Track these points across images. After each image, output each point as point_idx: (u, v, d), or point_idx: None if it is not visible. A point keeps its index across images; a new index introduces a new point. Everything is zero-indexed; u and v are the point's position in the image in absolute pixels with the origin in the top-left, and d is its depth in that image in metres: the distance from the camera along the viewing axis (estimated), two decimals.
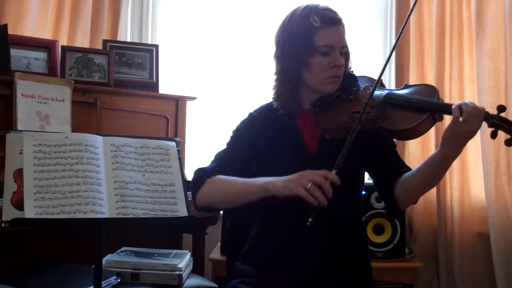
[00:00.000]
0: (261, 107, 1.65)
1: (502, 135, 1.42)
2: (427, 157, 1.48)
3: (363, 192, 1.68)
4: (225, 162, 1.56)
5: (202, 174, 1.55)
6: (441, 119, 1.43)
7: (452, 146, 1.39)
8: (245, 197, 1.48)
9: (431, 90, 1.50)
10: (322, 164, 1.39)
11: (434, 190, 2.76)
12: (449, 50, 2.78)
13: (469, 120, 1.33)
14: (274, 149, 1.57)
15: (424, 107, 1.43)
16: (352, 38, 1.60)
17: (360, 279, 1.57)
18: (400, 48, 2.88)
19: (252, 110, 1.66)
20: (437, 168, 1.45)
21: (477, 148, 2.70)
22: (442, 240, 2.74)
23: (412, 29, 2.82)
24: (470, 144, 1.41)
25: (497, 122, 1.38)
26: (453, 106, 1.36)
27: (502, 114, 1.40)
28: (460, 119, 1.34)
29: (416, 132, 1.45)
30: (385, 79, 2.97)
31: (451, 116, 1.36)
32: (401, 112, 1.45)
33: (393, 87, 2.93)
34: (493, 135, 1.42)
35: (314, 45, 1.49)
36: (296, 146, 1.57)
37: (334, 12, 1.54)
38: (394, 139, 1.64)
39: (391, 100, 1.49)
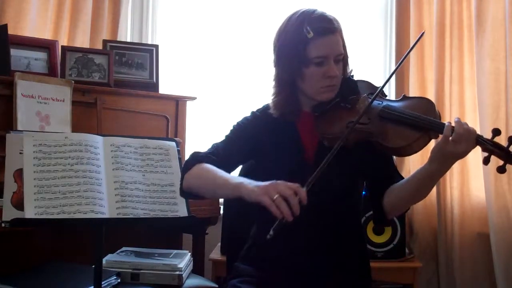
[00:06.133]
0: (263, 107, 1.65)
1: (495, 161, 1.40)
2: (415, 171, 1.47)
3: (363, 193, 1.67)
4: (220, 153, 1.55)
5: (193, 158, 1.53)
6: (436, 137, 1.42)
7: (439, 163, 1.38)
8: (220, 191, 1.46)
9: (429, 105, 1.49)
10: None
11: (434, 190, 2.76)
12: (449, 50, 2.78)
13: (458, 141, 1.33)
14: (273, 150, 1.57)
15: (420, 124, 1.42)
16: (352, 39, 1.58)
17: (359, 279, 1.57)
18: (400, 48, 2.87)
19: (254, 109, 1.66)
20: (423, 183, 1.45)
21: (477, 148, 2.69)
22: (442, 240, 2.74)
23: (412, 29, 2.81)
24: None
25: (491, 148, 1.37)
26: (446, 124, 1.36)
27: (497, 138, 1.38)
28: (450, 138, 1.33)
29: (410, 150, 1.44)
30: (385, 80, 2.97)
31: None
32: (397, 128, 1.45)
33: (393, 87, 2.93)
34: (486, 161, 1.39)
35: (308, 56, 1.47)
36: (294, 148, 1.57)
37: (329, 21, 1.49)
38: (389, 154, 1.62)
39: (387, 114, 1.47)
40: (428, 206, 2.81)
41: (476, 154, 2.71)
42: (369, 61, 3.01)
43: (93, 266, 1.67)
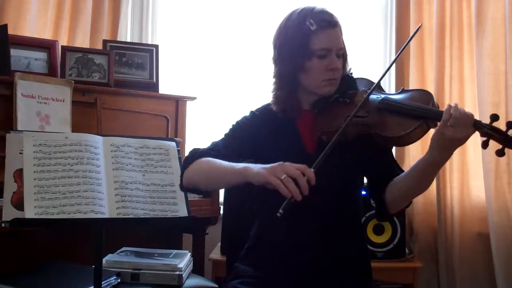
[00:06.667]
0: (263, 106, 1.65)
1: (494, 145, 1.40)
2: (416, 162, 1.46)
3: (363, 193, 1.67)
4: (220, 151, 1.55)
5: (193, 154, 1.54)
6: (435, 126, 1.42)
7: (438, 151, 1.38)
8: (225, 179, 1.46)
9: (426, 96, 1.50)
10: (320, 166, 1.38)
11: (434, 190, 2.76)
12: (449, 50, 2.78)
13: (456, 126, 1.32)
14: (272, 148, 1.57)
15: (418, 114, 1.43)
16: (353, 39, 1.60)
17: (360, 279, 1.57)
18: (399, 48, 2.87)
19: (254, 109, 1.67)
20: (424, 173, 1.44)
21: (477, 148, 2.70)
22: (442, 240, 2.74)
23: (412, 29, 2.81)
24: (470, 143, 1.41)
25: (489, 132, 1.37)
26: (445, 108, 1.36)
27: (495, 123, 1.38)
28: (449, 123, 1.33)
29: (409, 139, 1.44)
30: (385, 79, 2.97)
31: None
32: (396, 119, 1.45)
33: (393, 86, 2.93)
34: (484, 145, 1.40)
35: (311, 48, 1.49)
36: (294, 146, 1.57)
37: (330, 15, 1.53)
38: (389, 145, 1.62)
39: (386, 105, 1.48)
40: (428, 206, 2.81)
41: (476, 154, 2.72)
42: (369, 61, 3.01)
43: (93, 266, 1.67)
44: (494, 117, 1.38)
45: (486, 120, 1.40)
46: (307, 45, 1.49)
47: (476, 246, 2.74)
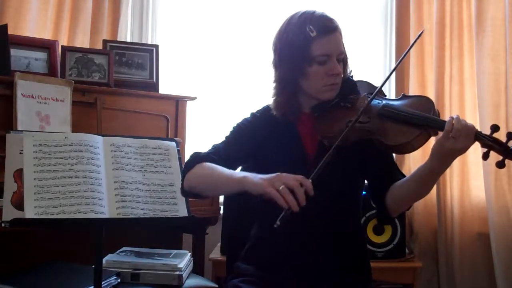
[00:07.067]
0: (263, 108, 1.65)
1: (494, 156, 1.40)
2: (417, 168, 1.47)
3: (363, 193, 1.67)
4: (221, 153, 1.56)
5: (194, 158, 1.55)
6: (436, 134, 1.42)
7: (439, 160, 1.38)
8: (224, 187, 1.47)
9: (428, 103, 1.50)
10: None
11: (434, 190, 2.76)
12: (449, 50, 2.78)
13: (457, 137, 1.33)
14: (273, 150, 1.57)
15: (420, 122, 1.43)
16: (353, 39, 1.59)
17: (359, 279, 1.57)
18: (400, 48, 2.88)
19: (254, 111, 1.67)
20: (424, 180, 1.45)
21: (477, 148, 2.68)
22: (442, 240, 2.74)
23: (412, 29, 2.82)
24: None
25: (490, 143, 1.37)
26: (447, 120, 1.36)
27: (495, 134, 1.38)
28: (450, 134, 1.34)
29: (410, 147, 1.44)
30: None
31: None
32: (397, 126, 1.45)
33: (393, 87, 2.93)
34: (485, 157, 1.40)
35: (311, 54, 1.48)
36: (295, 149, 1.57)
37: (330, 20, 1.52)
38: (389, 152, 1.62)
39: (387, 112, 1.48)
40: (428, 206, 2.81)
41: (476, 154, 2.72)
42: (369, 61, 3.00)
43: (93, 266, 1.67)
44: (495, 128, 1.38)
45: (487, 125, 1.40)
46: (307, 51, 1.48)
47: (476, 246, 2.74)
